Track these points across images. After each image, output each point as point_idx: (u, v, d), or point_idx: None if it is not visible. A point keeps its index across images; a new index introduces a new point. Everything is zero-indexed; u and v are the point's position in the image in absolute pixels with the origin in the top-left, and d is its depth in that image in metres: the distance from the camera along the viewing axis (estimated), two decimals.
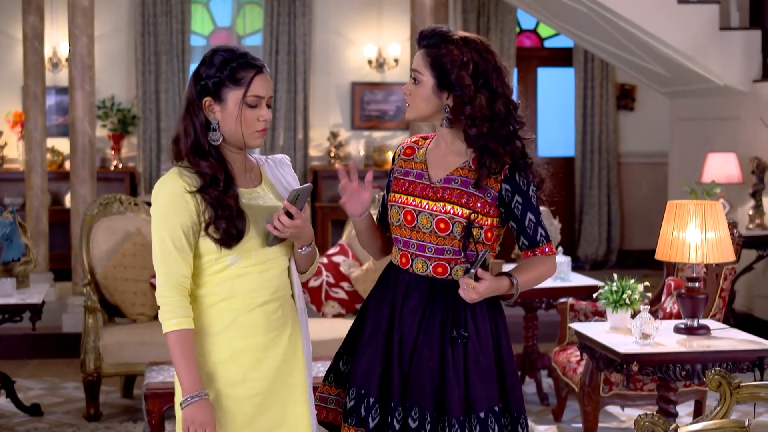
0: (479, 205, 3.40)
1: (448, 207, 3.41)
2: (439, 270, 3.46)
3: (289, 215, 3.23)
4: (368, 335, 3.55)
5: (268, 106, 3.35)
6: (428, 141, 3.61)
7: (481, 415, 3.40)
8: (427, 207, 3.44)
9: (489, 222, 3.43)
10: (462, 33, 3.48)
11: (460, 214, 3.39)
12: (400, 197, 3.52)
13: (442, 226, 3.41)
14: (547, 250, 3.48)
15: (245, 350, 3.29)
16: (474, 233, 3.41)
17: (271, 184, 3.45)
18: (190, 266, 3.24)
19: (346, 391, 3.57)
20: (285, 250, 3.39)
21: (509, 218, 3.45)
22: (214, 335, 3.28)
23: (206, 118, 3.28)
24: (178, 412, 3.26)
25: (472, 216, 3.39)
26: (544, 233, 3.47)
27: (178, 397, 3.27)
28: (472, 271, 3.29)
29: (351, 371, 3.57)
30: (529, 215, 3.44)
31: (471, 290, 3.30)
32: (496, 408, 3.43)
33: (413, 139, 3.66)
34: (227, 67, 3.25)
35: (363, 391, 3.49)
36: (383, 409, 3.46)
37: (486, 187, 3.41)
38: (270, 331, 3.33)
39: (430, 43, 3.44)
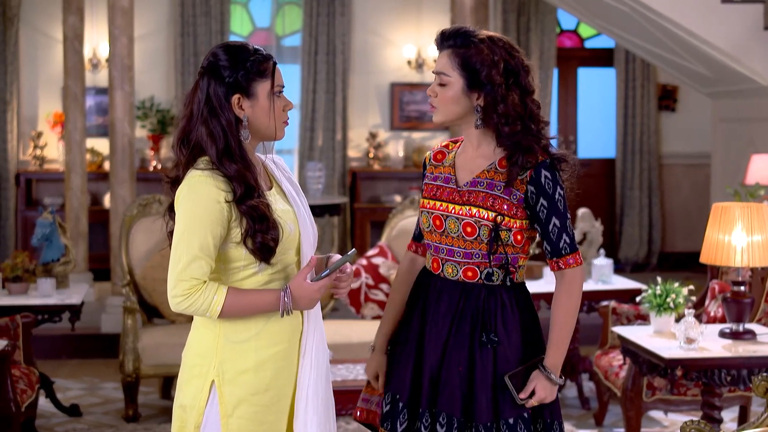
0: (505, 207, 3.35)
1: (474, 210, 3.37)
2: (469, 274, 3.41)
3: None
4: (402, 340, 3.54)
5: None
6: (458, 144, 3.57)
7: (510, 421, 3.36)
8: (453, 211, 3.41)
9: (517, 224, 3.37)
10: (486, 32, 3.43)
11: (486, 217, 3.35)
12: (428, 202, 3.49)
13: (468, 230, 3.37)
14: (571, 261, 3.39)
15: (270, 359, 3.24)
16: (502, 236, 3.36)
17: (281, 187, 3.40)
18: (211, 269, 3.18)
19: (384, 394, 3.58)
20: (301, 255, 3.36)
21: (534, 221, 3.39)
22: (240, 343, 3.22)
23: (235, 116, 3.23)
24: (226, 425, 3.22)
25: (498, 219, 3.34)
26: (568, 241, 3.38)
27: (226, 413, 3.21)
28: (519, 402, 3.36)
29: (388, 375, 3.57)
30: (554, 220, 3.36)
31: (535, 401, 3.37)
32: (526, 414, 3.38)
33: (444, 143, 3.63)
34: (249, 60, 3.22)
35: (397, 396, 3.49)
36: (411, 415, 3.45)
37: (512, 188, 3.36)
38: (292, 337, 3.29)
39: (457, 43, 3.39)
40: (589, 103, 13.58)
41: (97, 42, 12.39)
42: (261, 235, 3.16)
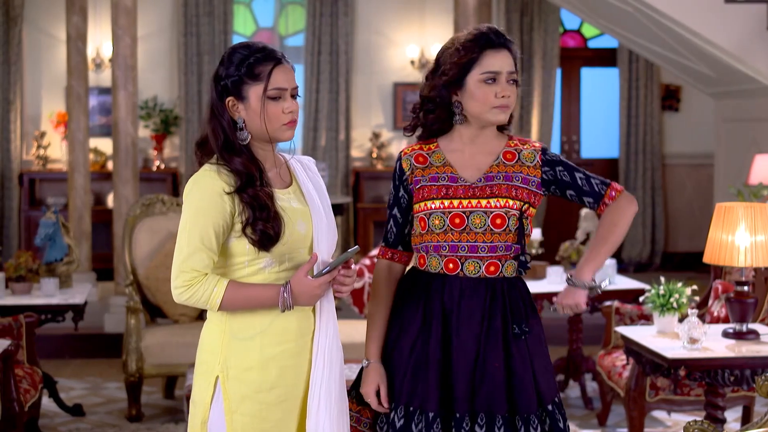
0: (526, 195, 3.40)
1: (502, 201, 3.38)
2: (492, 269, 3.40)
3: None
4: (408, 351, 3.45)
5: (294, 97, 3.28)
6: (432, 146, 3.52)
7: (549, 407, 3.41)
8: (479, 205, 3.39)
9: (532, 212, 3.44)
10: None
11: (514, 206, 3.38)
12: (441, 202, 3.43)
13: (498, 221, 3.37)
14: (613, 194, 3.47)
15: (276, 357, 3.23)
16: (524, 225, 3.41)
17: (300, 186, 3.39)
18: (213, 263, 3.20)
19: (366, 408, 3.52)
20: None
21: (563, 190, 3.47)
22: (245, 340, 3.23)
23: (232, 118, 3.25)
24: (230, 421, 3.22)
25: (523, 207, 3.39)
26: (599, 181, 3.48)
27: (230, 409, 3.21)
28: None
29: (396, 388, 3.45)
30: (577, 174, 3.47)
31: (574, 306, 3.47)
32: (557, 399, 3.45)
33: (415, 147, 3.54)
34: (245, 64, 3.22)
35: (411, 408, 3.39)
36: (445, 423, 3.38)
37: (528, 177, 3.42)
38: (301, 336, 3.28)
39: (511, 43, 3.46)
40: (592, 103, 13.58)
41: (100, 42, 12.40)
42: (262, 223, 3.16)
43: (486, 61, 3.40)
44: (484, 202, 3.39)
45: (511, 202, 3.38)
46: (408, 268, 3.58)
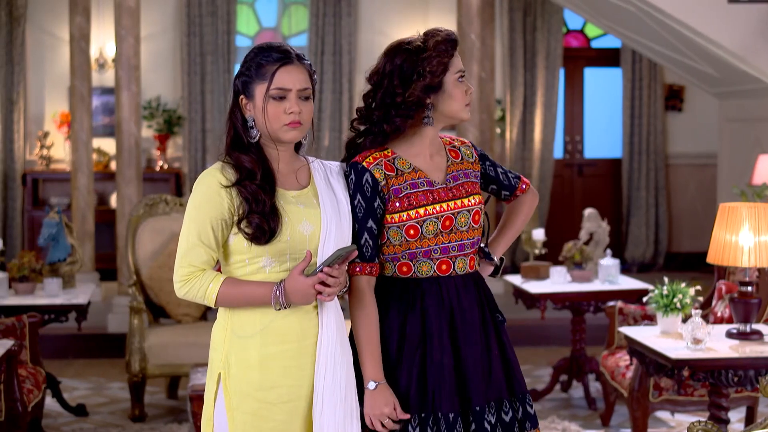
0: (479, 189, 3.58)
1: (477, 198, 3.52)
2: (472, 263, 3.51)
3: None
4: (410, 358, 3.39)
5: (306, 99, 3.27)
6: (388, 152, 3.48)
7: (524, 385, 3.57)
8: (462, 205, 3.47)
9: None
10: None
11: (482, 201, 3.55)
12: (434, 208, 3.43)
13: (476, 218, 3.49)
14: (524, 186, 3.72)
15: (276, 357, 3.22)
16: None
17: (317, 189, 3.36)
18: (212, 260, 3.22)
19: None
20: (318, 258, 3.29)
21: (488, 184, 3.67)
22: (245, 338, 3.23)
23: (243, 116, 3.28)
24: (231, 418, 3.22)
25: (484, 200, 3.58)
26: (513, 175, 3.71)
27: (230, 406, 3.22)
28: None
29: (408, 400, 3.37)
30: (498, 169, 3.68)
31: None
32: None
33: (375, 156, 3.46)
34: (254, 62, 3.25)
35: (423, 414, 3.35)
36: (465, 420, 3.38)
37: (475, 172, 3.58)
38: (305, 337, 3.26)
39: None
40: (595, 103, 13.57)
41: (103, 42, 12.41)
42: (258, 217, 3.17)
43: (455, 60, 3.47)
44: (466, 201, 3.48)
45: (480, 197, 3.55)
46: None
